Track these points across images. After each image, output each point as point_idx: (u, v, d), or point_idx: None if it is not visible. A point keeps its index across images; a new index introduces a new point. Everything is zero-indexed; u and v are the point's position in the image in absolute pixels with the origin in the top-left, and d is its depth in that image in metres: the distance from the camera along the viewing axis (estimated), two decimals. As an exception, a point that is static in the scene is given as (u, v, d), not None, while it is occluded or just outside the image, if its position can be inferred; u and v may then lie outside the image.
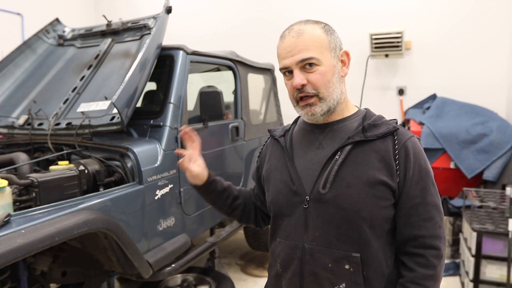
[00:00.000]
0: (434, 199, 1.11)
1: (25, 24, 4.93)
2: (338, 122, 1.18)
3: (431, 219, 1.09)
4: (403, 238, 1.11)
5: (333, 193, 1.10)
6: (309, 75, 1.11)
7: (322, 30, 1.14)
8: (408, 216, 1.10)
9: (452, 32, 4.32)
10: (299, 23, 1.16)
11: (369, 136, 1.12)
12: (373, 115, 1.19)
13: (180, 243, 2.50)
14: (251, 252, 3.99)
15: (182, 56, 2.65)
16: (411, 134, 1.14)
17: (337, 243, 1.10)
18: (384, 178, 1.08)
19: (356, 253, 1.08)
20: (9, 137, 2.75)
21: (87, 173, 2.09)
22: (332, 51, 1.14)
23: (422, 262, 1.08)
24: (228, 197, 1.42)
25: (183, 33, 5.41)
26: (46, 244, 1.61)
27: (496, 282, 2.85)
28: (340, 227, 1.09)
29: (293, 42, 1.12)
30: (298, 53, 1.10)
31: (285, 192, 1.19)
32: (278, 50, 1.17)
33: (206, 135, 2.81)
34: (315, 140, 1.19)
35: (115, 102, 2.12)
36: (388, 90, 4.67)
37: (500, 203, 3.14)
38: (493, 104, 4.16)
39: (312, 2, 4.84)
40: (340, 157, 1.11)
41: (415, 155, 1.10)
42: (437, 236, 1.09)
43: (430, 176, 1.12)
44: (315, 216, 1.12)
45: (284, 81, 1.19)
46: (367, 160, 1.10)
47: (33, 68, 3.10)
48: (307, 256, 1.13)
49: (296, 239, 1.16)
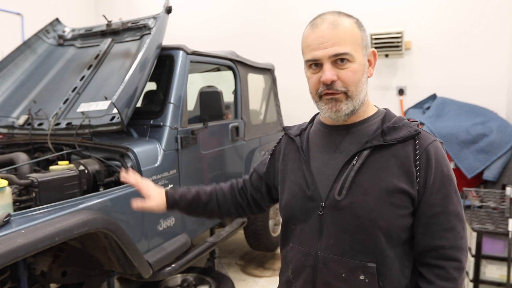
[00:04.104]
0: (456, 207, 1.04)
1: (25, 24, 4.93)
2: (357, 125, 1.11)
3: (452, 229, 1.03)
4: (422, 248, 1.05)
5: (349, 200, 1.04)
6: (340, 71, 1.02)
7: (356, 25, 1.06)
8: (428, 226, 1.03)
9: (452, 32, 4.32)
10: (332, 14, 1.06)
11: (388, 140, 1.05)
12: (393, 116, 1.12)
13: (180, 243, 2.50)
14: (251, 252, 3.99)
15: (182, 56, 2.65)
16: (433, 137, 1.07)
17: (351, 252, 1.04)
18: (403, 185, 1.01)
19: (371, 263, 1.02)
20: (9, 137, 2.75)
21: (87, 173, 2.09)
22: (364, 49, 1.07)
23: (441, 275, 1.02)
24: (197, 208, 1.39)
25: (183, 33, 5.42)
26: (46, 244, 1.61)
27: (496, 282, 2.85)
28: (355, 236, 1.04)
29: (327, 33, 1.02)
30: (332, 46, 1.01)
31: (299, 196, 1.14)
32: (308, 40, 1.06)
33: (206, 135, 2.81)
34: (332, 142, 1.13)
35: (115, 102, 2.12)
36: (388, 90, 4.67)
37: (500, 203, 3.14)
38: (493, 104, 4.16)
39: (312, 3, 4.84)
40: (357, 162, 1.05)
41: (437, 161, 1.03)
42: (458, 248, 1.03)
43: (452, 183, 1.04)
44: (330, 223, 1.07)
45: (306, 74, 1.09)
46: (386, 166, 1.03)
47: (33, 68, 3.10)
48: (320, 264, 1.08)
49: (309, 246, 1.10)
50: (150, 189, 1.37)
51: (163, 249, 2.36)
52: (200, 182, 2.78)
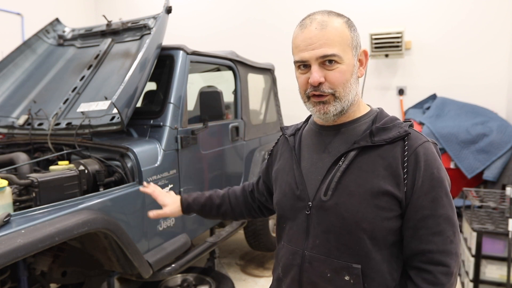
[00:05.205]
0: (447, 211, 1.01)
1: (25, 24, 4.94)
2: (347, 125, 1.10)
3: (441, 233, 1.00)
4: (410, 252, 1.04)
5: (335, 201, 1.04)
6: (328, 72, 1.02)
7: (346, 25, 1.05)
8: (416, 229, 1.01)
9: (452, 32, 4.32)
10: (322, 13, 1.05)
11: (376, 141, 1.03)
12: (385, 116, 1.10)
13: (180, 243, 2.50)
14: (251, 252, 3.99)
15: (182, 56, 2.65)
16: (425, 138, 1.04)
17: (337, 252, 1.04)
18: (389, 187, 1.00)
19: (356, 264, 1.02)
20: (9, 137, 2.75)
21: (87, 173, 2.09)
22: (354, 49, 1.05)
23: (429, 279, 1.00)
24: (211, 210, 1.48)
25: (183, 33, 5.42)
26: (46, 244, 1.61)
27: (496, 282, 2.85)
28: (340, 237, 1.04)
29: (315, 34, 1.01)
30: (320, 47, 1.00)
31: (289, 195, 1.15)
32: (296, 40, 1.06)
33: (206, 135, 2.81)
34: (322, 142, 1.13)
35: (115, 102, 2.12)
36: (388, 90, 4.68)
37: (500, 203, 3.14)
38: (493, 104, 4.16)
39: (312, 3, 4.84)
40: (343, 163, 1.05)
41: (427, 163, 1.00)
42: (447, 252, 1.00)
43: (443, 186, 1.01)
44: (317, 223, 1.07)
45: (295, 74, 1.09)
46: (372, 168, 1.02)
47: (33, 68, 3.10)
48: (306, 264, 1.08)
49: (297, 245, 1.11)
50: (165, 198, 1.48)
51: (163, 249, 2.36)
52: (200, 182, 2.78)
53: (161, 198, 1.47)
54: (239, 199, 1.48)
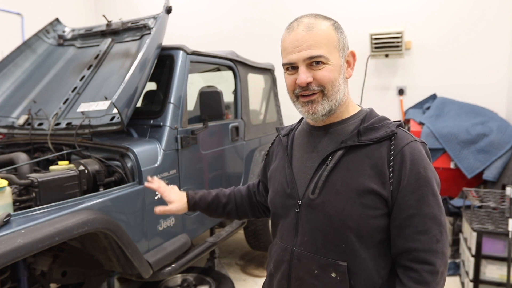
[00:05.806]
0: (433, 210, 1.02)
1: (25, 24, 4.94)
2: (335, 125, 1.13)
3: (427, 232, 1.01)
4: (397, 250, 1.05)
5: (322, 199, 1.07)
6: (315, 72, 1.05)
7: (333, 27, 1.08)
8: (402, 228, 1.03)
9: (452, 32, 4.32)
10: (309, 16, 1.09)
11: (363, 140, 1.05)
12: (375, 116, 1.12)
13: (180, 243, 2.50)
14: (251, 252, 3.99)
15: (182, 56, 2.65)
16: (412, 138, 1.06)
17: (323, 250, 1.07)
18: (374, 186, 1.01)
19: (343, 262, 1.04)
20: (9, 137, 2.75)
21: (87, 173, 2.09)
22: (340, 51, 1.08)
23: (415, 277, 1.01)
24: (217, 209, 1.49)
25: (183, 33, 5.42)
26: (46, 244, 1.61)
27: (496, 282, 2.85)
28: (327, 234, 1.06)
29: (301, 36, 1.05)
30: (306, 49, 1.04)
31: (281, 193, 1.19)
32: (284, 43, 1.10)
33: (206, 135, 2.81)
34: (312, 142, 1.16)
35: (115, 102, 2.12)
36: (388, 90, 4.67)
37: (500, 203, 3.14)
38: (493, 104, 4.16)
39: (312, 3, 4.84)
40: (331, 162, 1.07)
41: (413, 162, 1.02)
42: (432, 251, 1.00)
43: (429, 185, 1.02)
44: (305, 221, 1.11)
45: (284, 75, 1.12)
46: (359, 167, 1.04)
47: (33, 68, 3.10)
48: (294, 260, 1.12)
49: (287, 241, 1.15)
50: (172, 194, 1.47)
51: (163, 249, 2.36)
52: (200, 182, 2.78)
53: (167, 194, 1.47)
54: (244, 199, 1.50)
